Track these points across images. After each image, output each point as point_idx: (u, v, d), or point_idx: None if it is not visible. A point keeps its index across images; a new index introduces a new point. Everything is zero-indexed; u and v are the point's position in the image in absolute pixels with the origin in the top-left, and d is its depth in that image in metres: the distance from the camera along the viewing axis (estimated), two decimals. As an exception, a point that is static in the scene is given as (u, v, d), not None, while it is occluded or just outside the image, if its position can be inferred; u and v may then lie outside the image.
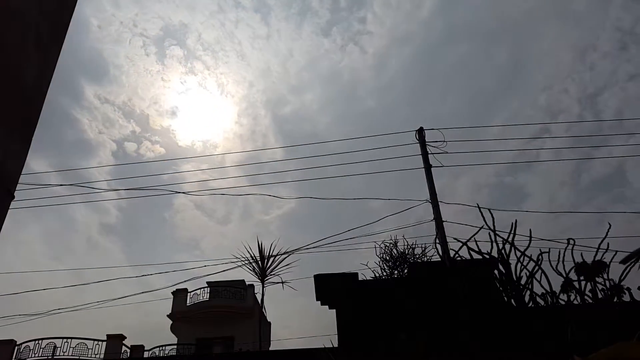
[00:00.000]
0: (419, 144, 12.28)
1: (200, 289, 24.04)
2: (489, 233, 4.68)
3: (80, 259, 48.41)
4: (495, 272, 4.57)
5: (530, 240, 4.54)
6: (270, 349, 21.58)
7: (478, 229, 4.79)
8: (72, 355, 19.25)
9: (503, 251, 4.54)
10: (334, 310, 5.49)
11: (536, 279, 4.34)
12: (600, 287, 4.26)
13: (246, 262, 9.31)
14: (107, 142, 54.46)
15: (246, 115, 62.24)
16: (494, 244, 4.61)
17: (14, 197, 3.52)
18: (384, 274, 6.83)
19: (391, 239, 7.38)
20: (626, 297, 4.30)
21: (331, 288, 5.57)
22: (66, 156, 49.65)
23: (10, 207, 3.52)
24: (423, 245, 7.39)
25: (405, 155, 12.88)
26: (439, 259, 6.78)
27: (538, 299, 4.28)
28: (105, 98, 54.04)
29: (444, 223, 10.80)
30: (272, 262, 9.32)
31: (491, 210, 4.86)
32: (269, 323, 26.55)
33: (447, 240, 10.13)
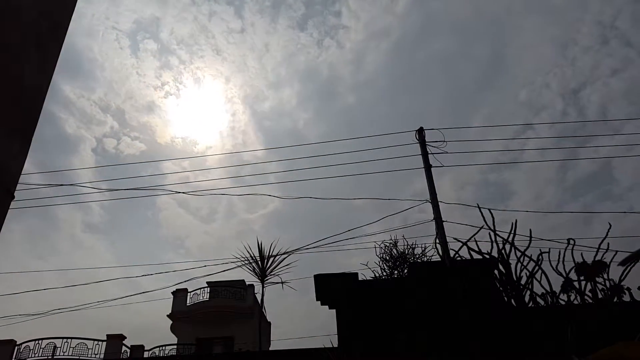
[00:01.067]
0: (419, 144, 12.28)
1: (200, 289, 24.05)
2: (489, 233, 4.68)
3: (64, 258, 47.30)
4: (495, 272, 4.57)
5: (530, 240, 4.54)
6: (270, 349, 21.59)
7: (478, 229, 4.79)
8: (72, 355, 19.24)
9: (503, 251, 4.54)
10: (334, 310, 5.49)
11: (536, 279, 4.34)
12: (600, 287, 4.26)
13: (246, 262, 9.29)
14: (87, 138, 53.36)
15: (224, 111, 60.91)
16: (494, 244, 4.61)
17: (14, 197, 3.52)
18: (384, 274, 6.82)
19: (391, 239, 7.38)
20: (626, 297, 4.30)
21: (331, 288, 5.57)
22: (46, 153, 48.62)
23: (10, 207, 3.52)
24: (423, 245, 7.39)
25: (402, 156, 12.89)
26: (439, 259, 6.78)
27: (538, 299, 4.27)
28: (81, 93, 52.94)
29: (444, 223, 10.80)
30: (272, 262, 9.30)
31: (491, 210, 4.87)
32: (269, 323, 26.55)
33: (447, 240, 10.12)
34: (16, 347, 19.49)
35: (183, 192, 13.62)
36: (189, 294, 24.01)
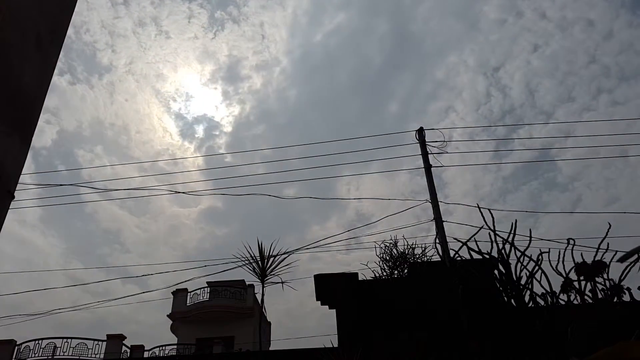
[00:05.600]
0: (419, 144, 12.28)
1: (200, 289, 24.05)
2: (489, 233, 4.67)
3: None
4: (495, 272, 4.57)
5: (530, 240, 4.54)
6: (270, 349, 21.58)
7: (478, 229, 4.78)
8: (72, 355, 19.23)
9: (503, 251, 4.54)
10: (334, 310, 5.49)
11: (536, 279, 4.34)
12: (600, 287, 4.26)
13: (246, 262, 9.29)
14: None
15: (124, 92, 56.14)
16: (494, 244, 4.61)
17: (14, 197, 3.52)
18: (384, 274, 6.82)
19: (391, 239, 7.37)
20: (626, 297, 4.30)
21: (331, 288, 5.57)
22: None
23: (10, 207, 3.52)
24: (423, 245, 7.38)
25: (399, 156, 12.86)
26: (439, 259, 6.78)
27: (538, 299, 4.27)
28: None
29: (443, 223, 10.81)
30: (272, 262, 9.31)
31: (491, 210, 4.86)
32: (269, 323, 26.54)
33: (447, 240, 10.12)
34: (16, 347, 19.48)
35: (183, 192, 13.62)
36: (189, 294, 24.02)
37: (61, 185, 12.46)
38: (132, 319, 38.71)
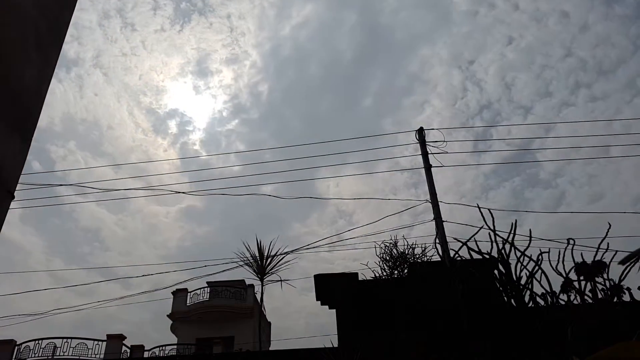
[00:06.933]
0: (419, 144, 12.28)
1: (200, 288, 24.05)
2: (489, 233, 4.68)
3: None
4: (495, 272, 4.57)
5: (530, 240, 4.54)
6: (270, 349, 21.58)
7: (478, 229, 4.79)
8: (72, 355, 19.23)
9: (503, 251, 4.54)
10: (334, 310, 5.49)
11: (536, 279, 4.34)
12: (600, 287, 4.26)
13: (246, 260, 9.31)
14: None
15: (93, 86, 54.91)
16: (494, 244, 4.61)
17: (14, 197, 3.52)
18: (384, 274, 6.81)
19: (391, 239, 7.36)
20: (626, 297, 4.30)
21: (331, 288, 5.57)
22: None
23: (10, 208, 3.52)
24: (423, 245, 7.37)
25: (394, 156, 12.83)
26: (439, 259, 6.77)
27: (538, 299, 4.27)
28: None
29: (444, 223, 10.80)
30: (271, 261, 9.33)
31: (491, 210, 4.86)
32: (269, 323, 26.54)
33: (447, 240, 10.12)
34: (16, 347, 19.48)
35: (183, 192, 13.62)
36: (189, 294, 24.01)
37: (58, 185, 12.46)
38: (118, 318, 38.67)
